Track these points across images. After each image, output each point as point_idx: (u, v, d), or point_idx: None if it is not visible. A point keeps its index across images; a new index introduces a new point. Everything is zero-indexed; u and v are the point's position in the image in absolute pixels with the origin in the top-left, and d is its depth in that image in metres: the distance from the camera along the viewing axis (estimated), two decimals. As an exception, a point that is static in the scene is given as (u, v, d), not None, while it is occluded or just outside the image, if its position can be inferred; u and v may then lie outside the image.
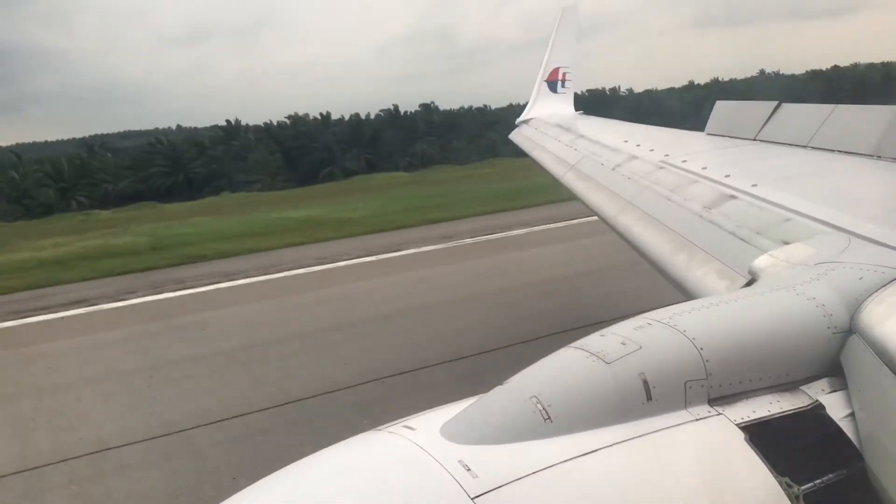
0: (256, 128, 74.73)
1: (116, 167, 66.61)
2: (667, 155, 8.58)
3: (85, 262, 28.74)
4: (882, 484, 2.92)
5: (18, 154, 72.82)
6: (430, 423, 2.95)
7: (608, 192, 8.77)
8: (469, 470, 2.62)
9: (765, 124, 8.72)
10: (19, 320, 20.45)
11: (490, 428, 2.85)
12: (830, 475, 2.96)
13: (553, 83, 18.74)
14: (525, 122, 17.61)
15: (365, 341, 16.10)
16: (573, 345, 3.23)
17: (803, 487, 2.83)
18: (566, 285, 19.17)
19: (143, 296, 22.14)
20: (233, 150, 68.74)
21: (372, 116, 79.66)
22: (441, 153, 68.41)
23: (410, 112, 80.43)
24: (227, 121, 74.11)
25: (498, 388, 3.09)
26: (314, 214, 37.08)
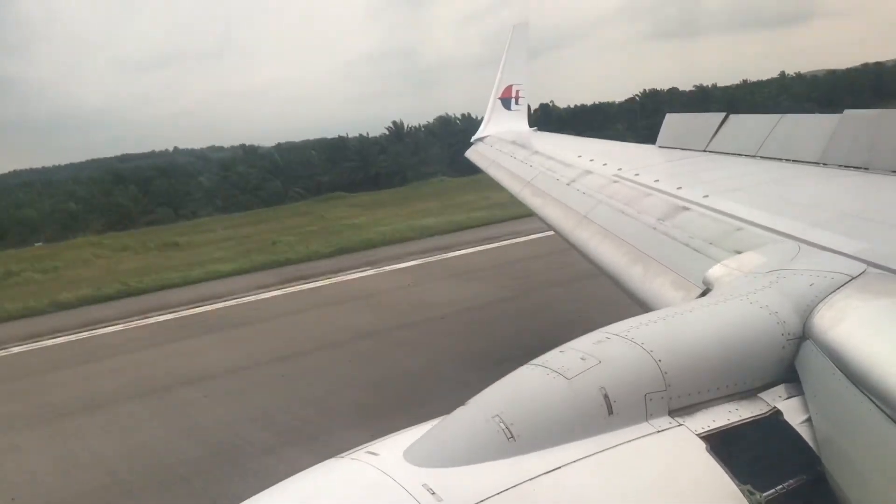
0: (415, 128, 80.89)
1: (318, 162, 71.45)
2: (620, 169, 8.69)
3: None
4: (840, 486, 2.95)
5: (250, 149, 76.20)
6: (393, 448, 2.92)
7: (564, 207, 8.85)
8: (434, 494, 2.59)
9: (714, 136, 8.91)
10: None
11: (453, 450, 2.82)
12: (791, 480, 2.99)
13: (507, 100, 18.91)
14: (480, 139, 17.71)
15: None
16: (533, 362, 3.22)
17: (765, 494, 2.85)
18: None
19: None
20: (408, 147, 74.23)
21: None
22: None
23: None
24: (394, 122, 78.89)
25: (460, 409, 3.07)
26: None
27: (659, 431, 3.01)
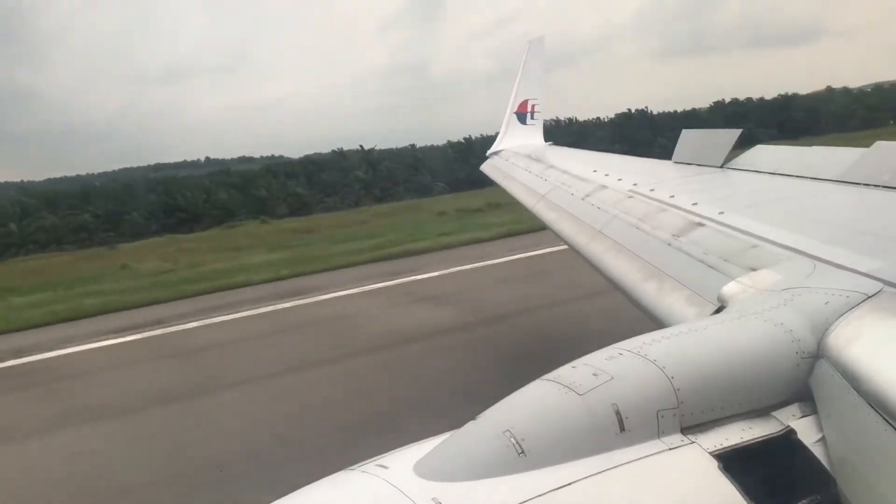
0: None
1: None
2: (635, 184, 8.68)
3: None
4: None
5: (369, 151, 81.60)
6: (403, 461, 2.92)
7: (578, 221, 8.84)
8: None
9: (731, 152, 8.89)
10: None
11: (464, 464, 2.82)
12: (804, 501, 2.96)
13: (522, 115, 18.97)
14: (496, 153, 17.77)
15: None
16: (545, 377, 3.22)
17: None
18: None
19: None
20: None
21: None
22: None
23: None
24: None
25: (470, 424, 3.07)
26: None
27: (671, 449, 2.99)
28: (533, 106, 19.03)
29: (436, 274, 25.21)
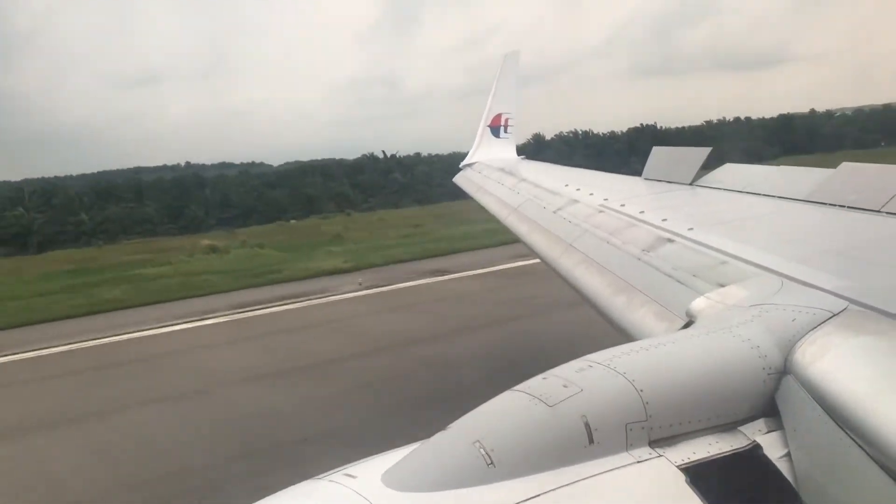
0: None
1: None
2: (606, 199, 8.75)
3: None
4: None
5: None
6: (371, 471, 2.88)
7: (550, 234, 8.88)
8: None
9: (700, 170, 9.01)
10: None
11: (433, 474, 2.80)
12: None
13: (496, 128, 19.05)
14: (469, 165, 17.81)
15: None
16: (515, 388, 3.21)
17: None
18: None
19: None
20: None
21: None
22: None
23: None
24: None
25: (440, 434, 3.04)
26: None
27: (639, 462, 3.00)
28: (506, 120, 19.13)
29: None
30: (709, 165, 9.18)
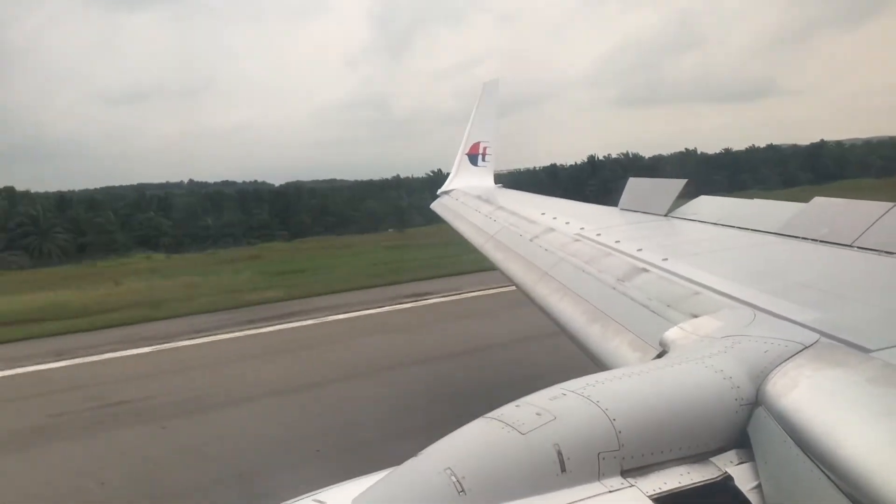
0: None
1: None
2: (582, 228, 8.80)
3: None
4: None
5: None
6: (340, 497, 2.85)
7: (526, 262, 8.90)
8: None
9: (675, 201, 9.11)
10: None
11: (403, 501, 2.76)
12: None
13: (474, 156, 19.16)
14: (446, 192, 17.87)
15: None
16: (488, 415, 3.18)
17: None
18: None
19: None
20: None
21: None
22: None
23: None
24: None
25: (411, 460, 3.01)
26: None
27: (610, 491, 2.98)
28: (485, 148, 19.25)
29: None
30: (684, 196, 9.30)
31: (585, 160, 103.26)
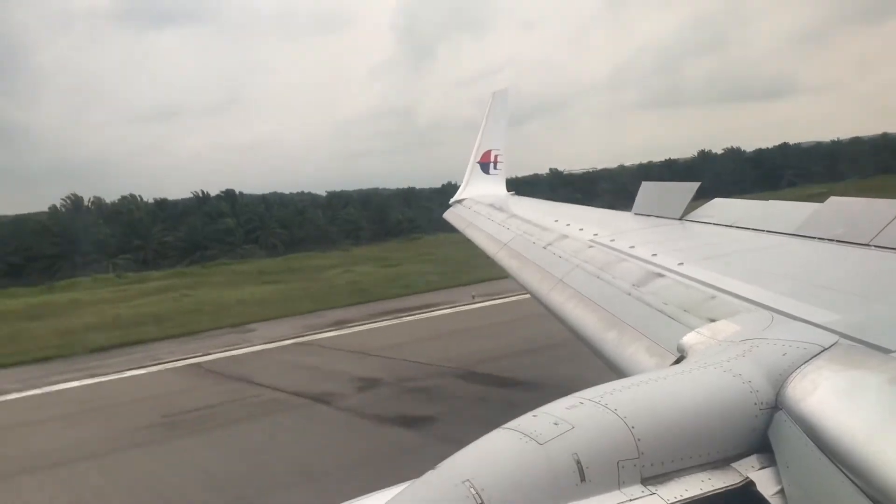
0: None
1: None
2: (596, 234, 8.77)
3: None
4: None
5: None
6: None
7: (540, 269, 8.88)
8: None
9: (689, 204, 9.07)
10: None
11: None
12: None
13: (485, 165, 19.18)
14: (458, 201, 17.89)
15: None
16: (506, 426, 3.17)
17: None
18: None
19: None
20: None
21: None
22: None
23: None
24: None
25: (430, 473, 2.99)
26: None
27: (631, 500, 2.95)
28: (496, 156, 19.28)
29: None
30: (698, 199, 9.26)
31: (696, 154, 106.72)
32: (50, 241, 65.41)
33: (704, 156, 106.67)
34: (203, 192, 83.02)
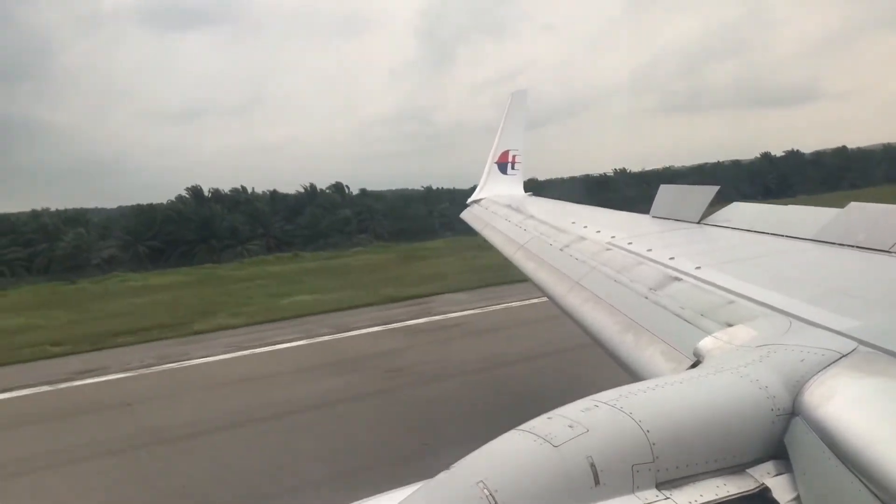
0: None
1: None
2: (613, 237, 8.75)
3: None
4: None
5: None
6: None
7: (557, 271, 8.87)
8: None
9: (708, 208, 9.02)
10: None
11: None
12: None
13: (503, 165, 19.19)
14: (476, 202, 17.90)
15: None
16: (520, 427, 3.18)
17: None
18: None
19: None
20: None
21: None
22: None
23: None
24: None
25: (443, 474, 3.01)
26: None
27: None
28: (514, 157, 19.27)
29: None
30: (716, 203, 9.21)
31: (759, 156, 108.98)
32: (187, 228, 67.70)
33: (769, 158, 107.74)
34: (311, 185, 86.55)
